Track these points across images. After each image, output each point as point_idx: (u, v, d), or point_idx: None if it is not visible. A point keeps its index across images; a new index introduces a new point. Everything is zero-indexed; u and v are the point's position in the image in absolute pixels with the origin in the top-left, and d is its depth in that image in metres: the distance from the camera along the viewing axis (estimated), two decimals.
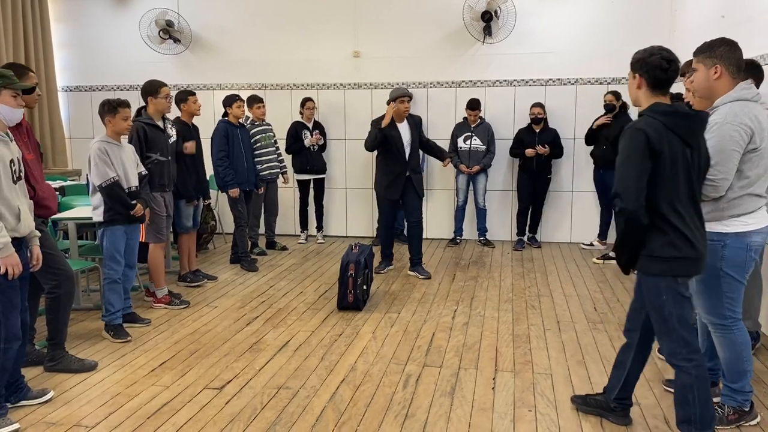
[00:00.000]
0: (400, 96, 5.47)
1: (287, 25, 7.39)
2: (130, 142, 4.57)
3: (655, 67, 2.53)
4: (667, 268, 2.55)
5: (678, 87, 4.06)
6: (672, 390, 3.32)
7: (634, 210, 2.48)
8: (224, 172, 5.89)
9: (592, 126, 6.51)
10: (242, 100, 6.07)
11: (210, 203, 6.42)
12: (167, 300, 4.85)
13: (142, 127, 4.65)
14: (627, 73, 2.72)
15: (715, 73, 2.76)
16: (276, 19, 7.40)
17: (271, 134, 6.67)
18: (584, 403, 3.14)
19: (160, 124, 4.79)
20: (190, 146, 5.19)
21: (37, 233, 3.14)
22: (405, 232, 7.28)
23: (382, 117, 5.55)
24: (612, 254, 6.21)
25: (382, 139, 5.48)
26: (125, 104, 4.16)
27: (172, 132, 4.99)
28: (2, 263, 2.85)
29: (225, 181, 5.92)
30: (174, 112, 5.23)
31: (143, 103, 4.88)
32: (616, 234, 2.66)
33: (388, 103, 5.56)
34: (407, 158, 5.56)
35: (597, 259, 6.28)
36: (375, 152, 5.72)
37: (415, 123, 5.66)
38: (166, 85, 4.83)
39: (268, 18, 7.42)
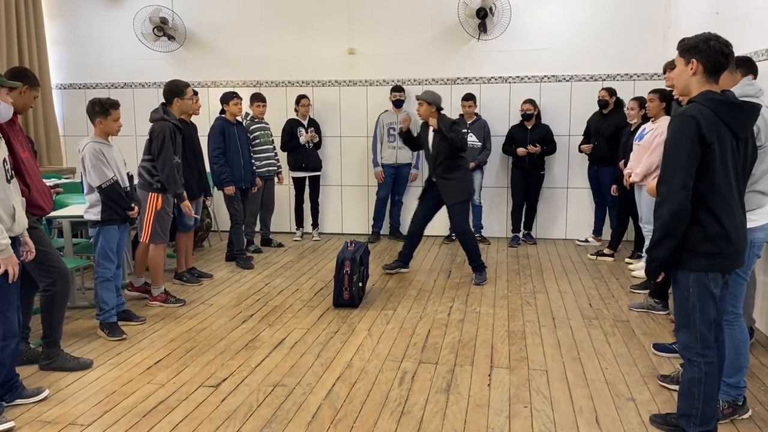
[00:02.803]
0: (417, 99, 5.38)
1: (282, 22, 7.37)
2: (162, 142, 4.57)
3: (716, 52, 2.42)
4: (702, 264, 2.47)
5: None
6: (666, 385, 3.36)
7: (680, 201, 2.37)
8: (220, 169, 5.88)
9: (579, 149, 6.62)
10: (239, 98, 6.05)
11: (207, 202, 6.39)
12: (163, 298, 4.85)
13: (171, 127, 4.66)
14: (676, 59, 2.47)
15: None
16: (270, 16, 7.38)
17: (269, 132, 6.67)
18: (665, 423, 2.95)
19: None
20: None
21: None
22: (400, 229, 7.32)
23: (456, 119, 5.52)
24: (606, 251, 6.24)
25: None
26: (117, 105, 4.13)
27: None
28: (2, 264, 2.86)
29: (221, 179, 5.91)
30: None
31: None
32: (654, 229, 2.51)
33: (439, 110, 5.35)
34: (433, 163, 5.39)
35: (591, 255, 6.30)
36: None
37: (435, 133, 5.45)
38: (189, 84, 4.83)
39: (263, 15, 7.40)
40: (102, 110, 4.07)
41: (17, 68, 3.69)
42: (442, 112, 5.42)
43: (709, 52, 2.43)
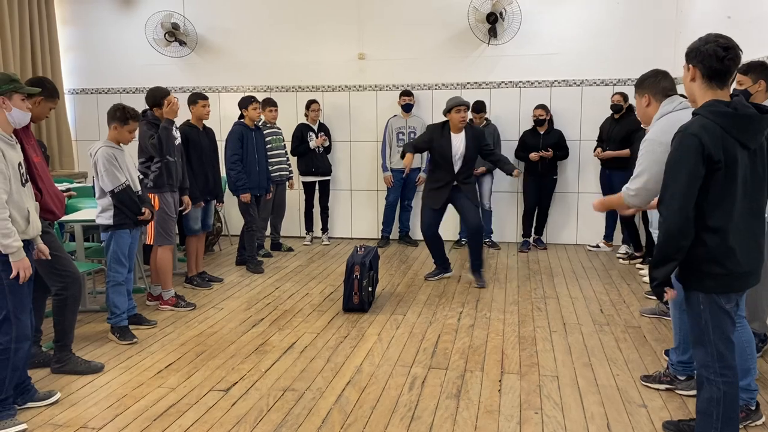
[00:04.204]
0: (456, 105, 5.25)
1: (292, 28, 7.40)
2: (150, 140, 4.60)
3: (709, 55, 2.27)
4: (710, 286, 2.36)
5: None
6: (648, 384, 3.37)
7: (679, 223, 2.27)
8: (237, 176, 5.87)
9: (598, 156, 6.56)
10: (258, 102, 6.04)
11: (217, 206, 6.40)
12: (174, 302, 4.87)
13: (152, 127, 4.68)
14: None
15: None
16: (281, 21, 7.42)
17: (281, 137, 6.69)
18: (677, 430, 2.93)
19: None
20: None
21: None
22: (410, 234, 7.32)
23: (440, 124, 5.41)
24: (637, 254, 6.17)
25: (415, 149, 5.50)
26: (137, 118, 4.21)
27: (177, 134, 5.00)
28: (14, 267, 2.89)
29: (237, 186, 5.90)
30: (184, 114, 5.24)
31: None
32: (655, 248, 2.42)
33: (444, 113, 5.35)
34: (456, 170, 5.34)
35: (623, 261, 6.30)
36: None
37: (475, 135, 5.36)
38: (170, 94, 4.82)
39: (273, 20, 7.43)
40: (122, 117, 4.12)
41: (37, 78, 3.69)
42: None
43: (705, 56, 2.29)
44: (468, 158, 5.35)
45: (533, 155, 6.62)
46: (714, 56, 2.28)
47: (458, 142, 5.33)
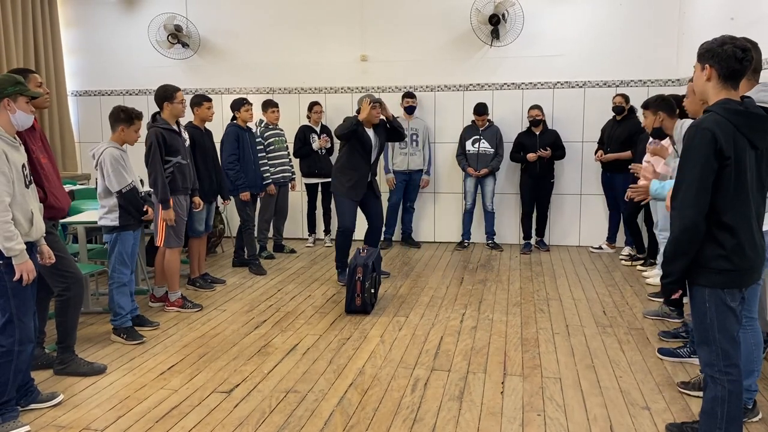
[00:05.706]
0: (374, 102, 5.44)
1: (295, 29, 7.41)
2: (149, 148, 4.63)
3: (728, 57, 2.32)
4: (717, 281, 2.37)
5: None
6: (687, 392, 3.33)
7: (694, 216, 2.29)
8: (235, 175, 5.90)
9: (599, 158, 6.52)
10: (250, 104, 6.09)
11: (219, 206, 6.41)
12: (180, 303, 4.87)
13: (160, 132, 4.69)
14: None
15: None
16: (284, 23, 7.43)
17: (284, 138, 6.70)
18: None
19: (175, 127, 4.84)
20: None
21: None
22: (412, 236, 7.31)
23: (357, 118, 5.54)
24: (640, 255, 6.15)
25: (353, 134, 5.36)
26: (140, 117, 4.25)
27: (185, 135, 5.02)
28: (18, 269, 2.90)
29: (237, 185, 5.93)
30: (187, 116, 5.25)
31: (156, 109, 4.89)
32: (667, 244, 2.43)
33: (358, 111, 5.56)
34: (372, 160, 5.54)
35: (626, 262, 6.27)
36: (337, 155, 5.66)
37: (378, 130, 5.59)
38: (180, 89, 4.86)
39: (276, 22, 7.44)
40: (127, 118, 4.16)
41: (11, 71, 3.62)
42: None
43: (723, 57, 2.32)
44: (379, 149, 5.64)
45: (531, 155, 6.62)
46: (733, 57, 2.32)
47: (371, 135, 5.54)
